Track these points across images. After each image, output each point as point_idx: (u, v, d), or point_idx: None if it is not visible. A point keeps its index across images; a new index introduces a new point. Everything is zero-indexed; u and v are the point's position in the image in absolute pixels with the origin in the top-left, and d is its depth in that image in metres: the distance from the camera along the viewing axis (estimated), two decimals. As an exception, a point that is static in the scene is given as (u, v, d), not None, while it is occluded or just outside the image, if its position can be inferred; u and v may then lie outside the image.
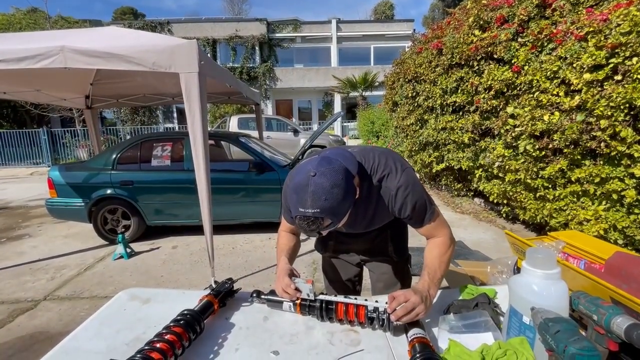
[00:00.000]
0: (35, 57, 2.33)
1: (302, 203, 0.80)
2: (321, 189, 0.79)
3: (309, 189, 0.79)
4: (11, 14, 16.96)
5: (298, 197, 0.81)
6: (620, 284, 0.89)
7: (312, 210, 0.79)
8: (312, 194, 0.79)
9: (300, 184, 0.82)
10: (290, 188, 0.86)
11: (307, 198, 0.79)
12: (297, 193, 0.82)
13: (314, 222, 0.81)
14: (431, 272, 0.95)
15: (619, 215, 2.70)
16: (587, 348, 0.54)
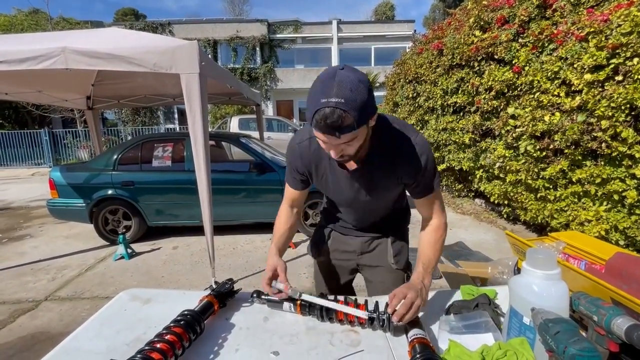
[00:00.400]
0: (37, 58, 2.34)
1: (326, 92, 0.75)
2: (348, 80, 0.76)
3: (336, 78, 0.76)
4: (13, 15, 17.02)
5: (322, 87, 0.76)
6: (621, 285, 0.88)
7: (335, 100, 0.74)
8: (339, 83, 0.75)
9: (328, 74, 0.78)
10: (315, 82, 0.80)
11: (332, 86, 0.75)
12: (323, 82, 0.77)
13: (336, 115, 0.74)
14: (426, 261, 0.97)
15: (620, 216, 2.69)
16: (587, 349, 0.54)
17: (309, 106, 0.79)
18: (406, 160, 0.95)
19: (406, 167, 0.96)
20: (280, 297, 0.94)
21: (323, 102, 0.75)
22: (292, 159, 1.07)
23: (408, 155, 0.95)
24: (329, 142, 0.81)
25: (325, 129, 0.77)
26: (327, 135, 0.79)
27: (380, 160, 0.97)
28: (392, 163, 0.96)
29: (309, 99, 0.80)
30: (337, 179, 1.05)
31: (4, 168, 12.16)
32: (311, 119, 0.78)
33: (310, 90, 0.81)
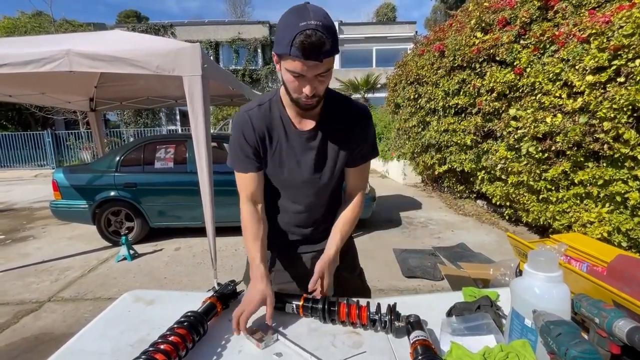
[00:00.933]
0: (41, 61, 2.36)
1: (303, 17, 0.74)
2: (319, 9, 0.77)
3: (309, 7, 0.76)
4: (16, 17, 17.14)
5: (297, 14, 0.75)
6: (623, 287, 0.88)
7: (314, 22, 0.73)
8: (313, 10, 0.75)
9: (298, 7, 0.77)
10: (285, 16, 0.78)
11: (308, 12, 0.75)
12: (297, 11, 0.76)
13: (318, 36, 0.73)
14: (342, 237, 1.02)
15: (622, 218, 2.68)
16: (588, 351, 0.54)
17: (282, 35, 0.76)
18: (358, 122, 0.99)
19: (358, 129, 0.99)
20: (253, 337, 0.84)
21: (303, 25, 0.73)
22: (242, 129, 0.96)
23: (359, 118, 0.99)
24: (308, 73, 0.79)
25: (308, 53, 0.74)
26: (309, 61, 0.76)
27: (334, 121, 0.98)
28: (345, 124, 0.98)
29: (282, 29, 0.77)
30: (292, 144, 0.98)
31: (8, 169, 12.23)
32: (288, 45, 0.74)
33: (280, 23, 0.79)
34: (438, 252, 3.57)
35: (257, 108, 0.97)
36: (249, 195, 1.01)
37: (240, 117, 0.97)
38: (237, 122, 0.97)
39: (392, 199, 6.27)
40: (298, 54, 0.75)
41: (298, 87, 0.83)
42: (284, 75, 0.84)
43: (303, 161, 0.99)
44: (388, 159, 8.98)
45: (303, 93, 0.84)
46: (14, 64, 2.38)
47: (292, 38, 0.73)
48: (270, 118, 0.96)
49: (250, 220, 1.00)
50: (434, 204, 5.88)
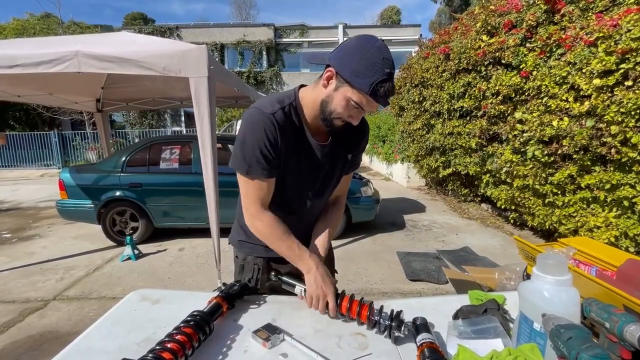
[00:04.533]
0: (51, 62, 2.39)
1: (388, 64, 0.78)
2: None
3: (387, 51, 0.80)
4: (25, 19, 17.41)
5: (385, 58, 0.78)
6: (633, 291, 0.87)
7: (394, 71, 0.80)
8: (390, 55, 0.80)
9: (381, 46, 0.80)
10: (369, 49, 0.79)
11: (391, 59, 0.79)
12: (382, 53, 0.79)
13: (394, 87, 0.80)
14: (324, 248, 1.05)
15: (630, 223, 2.65)
16: (600, 355, 0.53)
17: (366, 72, 0.78)
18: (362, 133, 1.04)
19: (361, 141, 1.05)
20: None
21: (387, 72, 0.77)
22: (267, 132, 0.86)
23: (363, 129, 1.03)
24: (371, 108, 0.84)
25: (385, 100, 0.80)
26: (376, 105, 0.82)
27: (345, 133, 0.99)
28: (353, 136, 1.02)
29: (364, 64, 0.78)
30: (309, 155, 0.97)
31: (14, 169, 12.37)
32: (369, 87, 0.78)
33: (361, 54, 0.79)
34: (442, 255, 3.55)
35: (281, 111, 0.89)
36: (263, 202, 0.95)
37: (263, 118, 0.86)
38: (259, 123, 0.86)
39: (395, 202, 6.25)
40: (377, 98, 0.80)
41: (346, 113, 0.86)
42: (340, 100, 0.84)
43: (317, 172, 1.00)
44: (392, 161, 8.96)
45: (347, 119, 0.88)
46: (26, 65, 2.41)
47: (376, 81, 0.77)
48: (292, 123, 0.92)
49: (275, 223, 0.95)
50: (438, 207, 5.85)
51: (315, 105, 0.90)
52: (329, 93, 0.86)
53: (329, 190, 1.07)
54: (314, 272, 0.93)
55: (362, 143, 1.07)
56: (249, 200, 0.95)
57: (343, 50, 0.82)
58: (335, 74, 0.83)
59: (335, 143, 1.00)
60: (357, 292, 2.85)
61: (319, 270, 0.93)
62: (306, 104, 0.93)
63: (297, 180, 0.98)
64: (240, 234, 1.15)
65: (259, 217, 0.95)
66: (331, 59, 0.83)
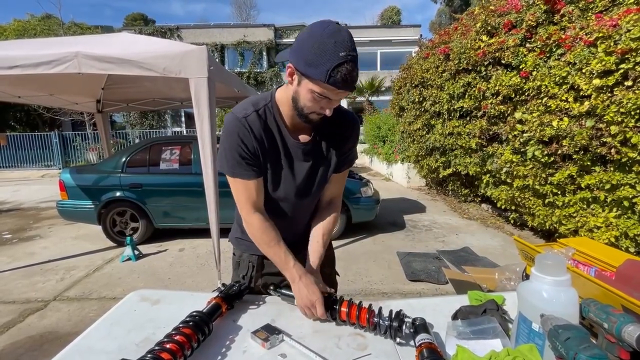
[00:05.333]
0: (51, 63, 2.40)
1: (342, 46, 0.72)
2: (350, 34, 0.75)
3: (343, 32, 0.73)
4: (26, 20, 17.43)
5: (337, 41, 0.72)
6: (632, 292, 0.87)
7: (353, 53, 0.73)
8: (348, 36, 0.74)
9: (334, 29, 0.74)
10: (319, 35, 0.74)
11: (346, 39, 0.73)
12: (334, 36, 0.73)
13: (355, 69, 0.74)
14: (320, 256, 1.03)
15: (630, 223, 2.65)
16: (597, 355, 0.53)
17: (319, 60, 0.73)
18: (350, 129, 1.00)
19: (350, 136, 1.01)
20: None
21: (343, 55, 0.71)
22: (240, 137, 0.88)
23: (351, 124, 1.00)
24: (335, 97, 0.80)
25: (347, 84, 0.74)
26: (342, 92, 0.76)
27: (328, 130, 0.97)
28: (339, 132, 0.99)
29: (314, 52, 0.73)
30: (289, 155, 0.96)
31: (15, 170, 12.39)
32: (325, 74, 0.73)
33: (313, 42, 0.74)
34: (442, 255, 3.55)
35: (254, 114, 0.90)
36: (254, 203, 0.96)
37: (237, 123, 0.89)
38: (233, 128, 0.89)
39: (396, 202, 6.25)
40: (336, 85, 0.74)
41: (316, 106, 0.83)
42: (305, 94, 0.81)
43: (298, 172, 0.98)
44: (392, 161, 8.96)
45: (320, 111, 0.84)
46: (25, 66, 2.42)
47: (331, 68, 0.72)
48: (267, 125, 0.92)
49: (264, 227, 0.95)
50: (438, 207, 5.85)
51: (290, 103, 0.89)
52: (295, 89, 0.84)
53: (315, 189, 1.02)
54: (297, 282, 0.93)
55: (350, 138, 1.01)
56: (240, 203, 0.97)
57: (297, 42, 0.79)
58: (294, 69, 0.81)
59: (319, 140, 0.97)
60: (357, 292, 2.86)
61: (303, 279, 0.92)
62: (282, 103, 0.92)
63: (277, 181, 0.97)
64: (237, 232, 1.17)
65: (250, 220, 0.96)
66: (289, 53, 0.81)
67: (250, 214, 0.95)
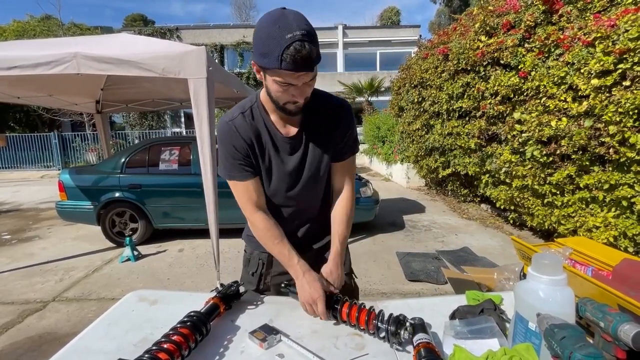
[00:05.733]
0: (50, 64, 2.40)
1: (287, 29, 0.71)
2: (299, 14, 0.74)
3: (289, 15, 0.73)
4: (26, 21, 17.43)
5: (281, 26, 0.72)
6: (628, 291, 0.88)
7: (300, 32, 0.71)
8: (294, 18, 0.73)
9: (277, 15, 0.74)
10: (265, 25, 0.74)
11: (291, 22, 0.72)
12: (277, 21, 0.73)
13: (307, 46, 0.71)
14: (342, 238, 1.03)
15: (629, 223, 2.65)
16: (593, 354, 0.53)
17: (268, 49, 0.73)
18: (340, 115, 0.98)
19: (341, 122, 0.99)
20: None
21: (289, 37, 0.71)
22: (229, 140, 0.93)
23: (340, 110, 0.98)
24: (299, 81, 0.79)
25: (300, 64, 0.73)
26: (300, 72, 0.75)
27: (317, 119, 0.97)
28: (328, 119, 0.98)
29: (264, 41, 0.74)
30: (278, 150, 0.97)
31: (14, 170, 12.38)
32: (277, 59, 0.73)
33: (259, 34, 0.75)
34: (442, 255, 3.55)
35: (240, 116, 0.94)
36: (255, 203, 0.99)
37: (225, 127, 0.94)
38: (223, 133, 0.94)
39: (395, 202, 6.25)
40: (289, 67, 0.74)
41: (287, 95, 0.83)
42: (271, 86, 0.83)
43: (290, 165, 0.99)
44: (392, 162, 8.96)
45: (292, 100, 0.84)
46: (24, 67, 2.42)
47: (281, 52, 0.72)
48: (255, 125, 0.95)
49: (267, 226, 0.98)
50: (437, 207, 5.85)
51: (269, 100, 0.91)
52: (265, 84, 0.86)
53: (311, 181, 1.02)
54: (300, 279, 0.95)
55: (340, 125, 0.99)
56: (241, 204, 1.00)
57: (253, 38, 0.80)
58: (256, 65, 0.82)
59: (308, 132, 0.97)
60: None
61: (306, 276, 0.94)
62: (266, 101, 0.94)
63: (270, 177, 1.00)
64: (248, 229, 1.16)
65: (253, 220, 1.00)
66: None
67: (252, 213, 0.99)
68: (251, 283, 1.13)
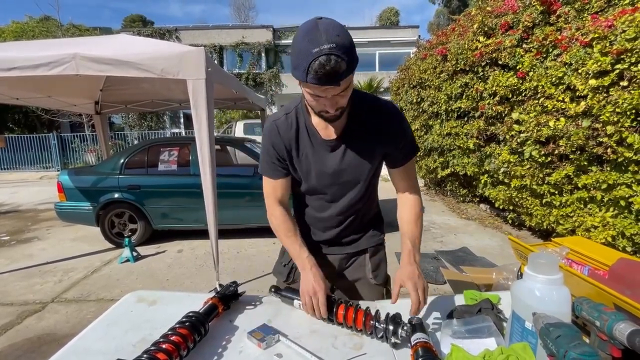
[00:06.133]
0: (49, 65, 2.40)
1: (315, 42, 0.71)
2: (332, 26, 0.74)
3: (320, 27, 0.73)
4: (25, 22, 17.41)
5: (309, 38, 0.72)
6: (624, 290, 0.88)
7: (327, 46, 0.70)
8: (325, 30, 0.72)
9: (309, 27, 0.74)
10: (298, 38, 0.75)
11: (320, 35, 0.72)
12: (307, 34, 0.73)
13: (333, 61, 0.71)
14: (412, 238, 0.99)
15: (627, 222, 2.66)
16: (587, 353, 0.54)
17: (298, 62, 0.75)
18: (388, 121, 0.96)
19: (389, 129, 0.97)
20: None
21: (315, 51, 0.71)
22: (271, 139, 0.99)
23: (388, 116, 0.97)
24: (326, 94, 0.79)
25: (324, 79, 0.74)
26: (326, 86, 0.76)
27: (360, 127, 0.96)
28: (372, 130, 0.96)
29: (295, 55, 0.76)
30: (318, 151, 0.99)
31: (13, 171, 12.35)
32: (304, 73, 0.74)
33: (293, 46, 0.77)
34: (441, 255, 3.56)
35: (284, 117, 0.99)
36: (278, 198, 1.05)
37: (269, 126, 1.00)
38: (266, 131, 1.01)
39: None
40: (314, 82, 0.75)
41: (320, 105, 0.84)
42: (305, 95, 0.86)
43: (329, 167, 1.00)
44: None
45: (324, 110, 0.85)
46: (23, 67, 2.42)
47: (307, 66, 0.73)
48: (297, 126, 0.98)
49: (284, 219, 1.04)
50: (436, 207, 5.86)
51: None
52: (302, 92, 0.88)
53: (350, 185, 1.03)
54: (307, 270, 0.96)
55: (390, 132, 0.97)
56: (266, 195, 1.07)
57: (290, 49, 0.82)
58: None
59: (350, 137, 0.97)
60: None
61: (313, 270, 0.96)
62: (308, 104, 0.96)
63: (317, 176, 1.02)
64: None
65: (272, 212, 1.06)
66: None
67: (273, 205, 1.05)
68: (281, 274, 1.18)
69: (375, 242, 1.16)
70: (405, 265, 0.93)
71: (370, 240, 1.15)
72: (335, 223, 1.10)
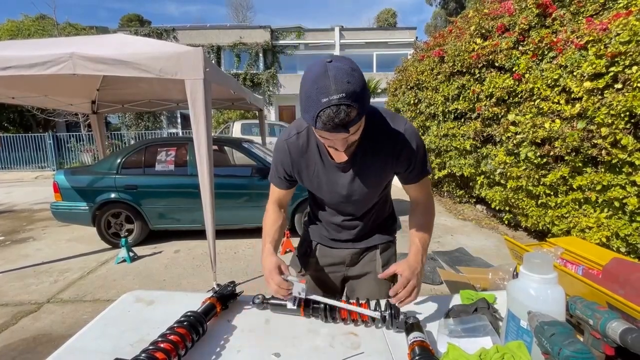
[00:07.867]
0: (46, 64, 2.39)
1: (324, 92, 0.72)
2: (342, 71, 0.73)
3: (329, 74, 0.72)
4: (20, 20, 17.27)
5: (319, 87, 0.72)
6: (617, 289, 0.89)
7: (337, 96, 0.71)
8: (334, 78, 0.71)
9: (318, 73, 0.73)
10: (307, 82, 0.75)
11: (329, 84, 0.71)
12: (316, 81, 0.73)
13: (342, 112, 0.72)
14: (422, 239, 1.02)
15: (621, 223, 2.69)
16: (581, 350, 0.55)
17: (307, 107, 0.76)
18: (399, 147, 0.95)
19: (400, 155, 0.96)
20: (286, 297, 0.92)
21: (325, 102, 0.72)
22: (280, 157, 1.04)
23: (401, 143, 0.95)
24: (335, 137, 0.80)
25: (333, 129, 0.75)
26: (335, 134, 0.77)
27: (371, 149, 0.96)
28: (384, 153, 0.96)
29: (304, 100, 0.76)
30: (329, 171, 1.02)
31: (9, 171, 12.25)
32: (313, 120, 0.75)
33: (302, 90, 0.77)
34: (437, 256, 3.57)
35: (295, 137, 1.01)
36: (277, 201, 1.15)
37: (281, 145, 1.04)
38: (277, 149, 1.06)
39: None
40: (323, 129, 0.76)
41: (330, 142, 0.85)
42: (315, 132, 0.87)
43: (340, 186, 1.03)
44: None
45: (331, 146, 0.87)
46: (19, 67, 2.40)
47: (316, 115, 0.73)
48: (307, 146, 1.00)
49: (273, 215, 1.12)
50: (433, 208, 5.88)
51: None
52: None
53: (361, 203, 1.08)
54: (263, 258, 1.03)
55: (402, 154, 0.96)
56: (269, 197, 1.16)
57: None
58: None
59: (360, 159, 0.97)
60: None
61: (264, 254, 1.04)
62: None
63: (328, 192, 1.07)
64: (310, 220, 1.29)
65: (269, 208, 1.15)
66: None
67: (271, 204, 1.15)
68: (296, 265, 1.26)
69: (387, 239, 1.22)
70: (410, 259, 0.96)
71: (382, 237, 1.20)
72: (348, 227, 1.16)
